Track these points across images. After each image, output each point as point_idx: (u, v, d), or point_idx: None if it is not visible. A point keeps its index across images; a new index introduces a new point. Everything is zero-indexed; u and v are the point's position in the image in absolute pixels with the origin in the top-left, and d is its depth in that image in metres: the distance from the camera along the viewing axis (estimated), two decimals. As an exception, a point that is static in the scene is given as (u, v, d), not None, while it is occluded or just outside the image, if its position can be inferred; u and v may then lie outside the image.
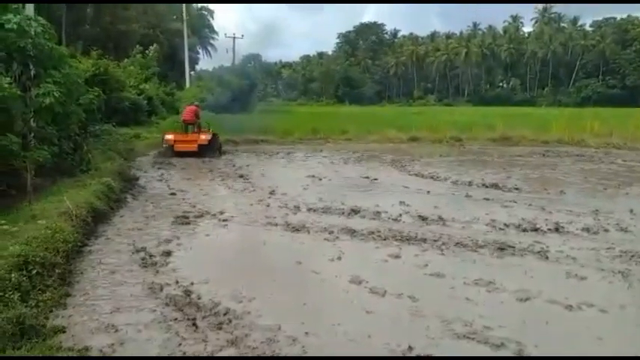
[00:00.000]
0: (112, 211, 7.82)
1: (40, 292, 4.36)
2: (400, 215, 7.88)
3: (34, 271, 4.51)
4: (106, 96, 13.35)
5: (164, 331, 3.99)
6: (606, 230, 7.13)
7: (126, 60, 26.16)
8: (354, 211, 8.03)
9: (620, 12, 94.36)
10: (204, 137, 14.94)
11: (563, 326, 4.25)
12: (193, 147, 14.61)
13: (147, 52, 28.72)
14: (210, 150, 14.90)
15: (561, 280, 5.23)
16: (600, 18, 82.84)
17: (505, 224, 7.32)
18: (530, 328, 4.17)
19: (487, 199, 9.26)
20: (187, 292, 4.71)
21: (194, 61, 53.39)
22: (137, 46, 29.23)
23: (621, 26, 77.43)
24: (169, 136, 15.01)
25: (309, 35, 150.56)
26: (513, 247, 6.20)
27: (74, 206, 6.58)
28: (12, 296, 3.96)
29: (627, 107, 51.44)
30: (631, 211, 8.31)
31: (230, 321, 4.14)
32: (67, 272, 5.06)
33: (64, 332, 3.90)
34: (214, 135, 15.55)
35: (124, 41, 36.44)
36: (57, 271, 4.82)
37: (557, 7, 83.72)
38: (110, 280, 5.07)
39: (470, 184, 10.85)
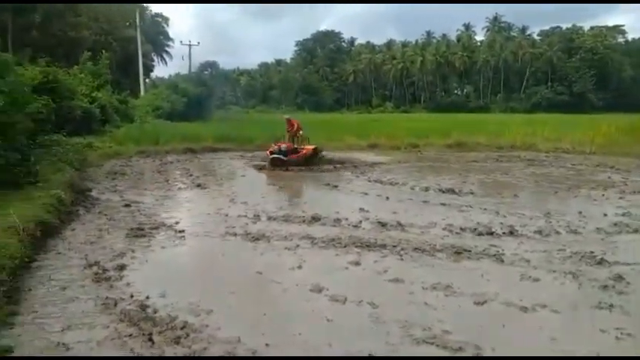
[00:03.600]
0: (62, 225, 7.50)
1: (-16, 311, 4.13)
2: (360, 222, 7.92)
3: (-23, 290, 4.27)
4: (55, 105, 12.89)
5: (118, 347, 3.85)
6: (558, 232, 7.38)
7: (76, 67, 25.30)
8: (315, 219, 8.01)
9: (565, 22, 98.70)
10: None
11: (518, 328, 4.36)
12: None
13: (97, 58, 27.86)
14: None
15: (516, 283, 5.36)
16: (547, 27, 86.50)
17: (461, 228, 7.47)
18: (487, 330, 4.25)
19: (444, 204, 9.43)
20: (143, 307, 4.56)
21: (149, 69, 52.23)
22: (85, 52, 28.29)
23: (566, 35, 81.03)
24: None
25: (267, 43, 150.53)
26: (470, 251, 6.33)
27: (22, 220, 6.28)
28: (-48, 317, 3.73)
29: (574, 113, 53.93)
30: (580, 213, 8.64)
31: (188, 335, 4.03)
32: (14, 290, 4.81)
33: (12, 352, 3.72)
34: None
35: (75, 48, 35.30)
36: (2, 288, 4.59)
37: (508, 17, 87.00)
38: (61, 297, 4.85)
39: (427, 189, 11.04)
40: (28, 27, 35.56)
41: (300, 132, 15.89)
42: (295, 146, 15.46)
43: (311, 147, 15.56)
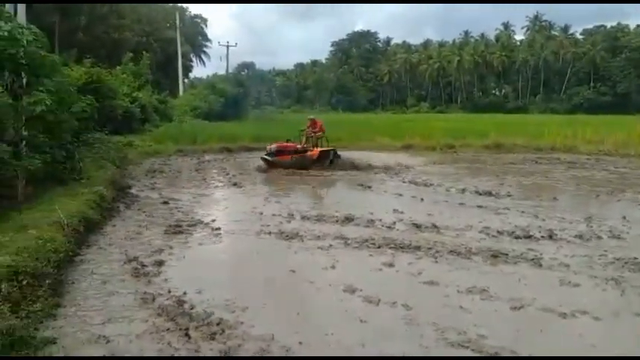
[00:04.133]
0: (104, 220, 7.75)
1: (30, 302, 4.29)
2: (394, 223, 7.87)
3: (25, 282, 4.45)
4: (98, 104, 13.31)
5: (156, 341, 3.94)
6: (599, 237, 7.15)
7: (118, 68, 26.09)
8: (348, 219, 8.01)
9: (609, 20, 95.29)
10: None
11: (557, 334, 4.25)
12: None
13: (139, 59, 28.65)
14: None
15: (555, 288, 5.22)
16: (591, 26, 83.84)
17: (498, 231, 7.33)
18: (524, 336, 4.16)
19: (480, 207, 9.27)
20: (180, 302, 4.67)
21: (188, 69, 53.46)
22: (127, 53, 29.17)
23: (611, 34, 78.30)
24: None
25: (303, 44, 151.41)
26: (507, 255, 6.20)
27: (66, 215, 6.52)
28: (2, 307, 3.90)
29: (618, 114, 51.97)
30: (624, 217, 8.34)
31: (223, 331, 4.10)
32: (58, 282, 5.00)
33: (55, 344, 3.84)
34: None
35: (118, 49, 36.43)
36: (48, 281, 4.76)
37: (548, 15, 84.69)
38: (102, 291, 5.02)
39: (463, 191, 10.88)
40: (73, 29, 36.91)
41: (319, 133, 15.10)
42: (304, 146, 14.76)
43: (318, 150, 14.67)
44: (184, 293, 4.89)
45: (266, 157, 14.37)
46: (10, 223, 6.20)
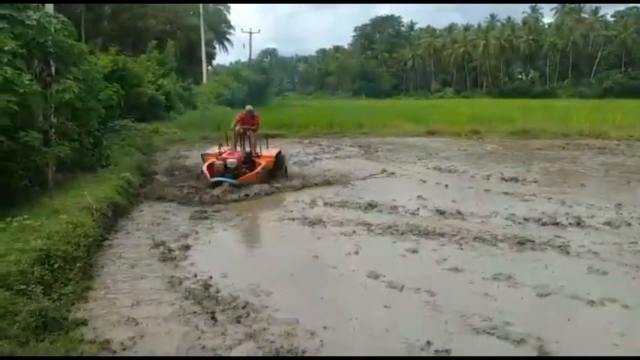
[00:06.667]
0: (131, 206, 7.91)
1: (62, 285, 4.44)
2: (418, 209, 7.82)
3: (56, 265, 4.59)
4: (124, 92, 13.50)
5: (183, 324, 4.03)
6: (629, 224, 6.99)
7: (143, 55, 26.31)
8: (371, 205, 7.99)
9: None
10: None
11: (585, 322, 4.20)
12: None
13: (163, 47, 28.84)
14: None
15: (583, 275, 5.14)
16: (622, 7, 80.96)
17: (525, 218, 7.22)
18: (551, 323, 4.11)
19: (506, 193, 9.13)
20: (206, 286, 4.75)
21: (211, 56, 53.47)
22: (151, 41, 29.41)
23: (644, 16, 75.54)
24: None
25: (325, 29, 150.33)
26: (533, 242, 6.11)
27: (95, 201, 6.67)
28: (35, 289, 4.03)
29: (650, 99, 50.25)
30: (655, 204, 8.12)
31: (248, 314, 4.16)
32: (88, 266, 5.14)
33: (86, 325, 3.96)
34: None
35: (142, 37, 36.72)
36: (78, 264, 4.90)
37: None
38: (130, 274, 5.14)
39: (489, 177, 10.72)
40: (99, 18, 37.32)
41: (249, 131, 11.13)
42: (249, 151, 10.78)
43: (271, 155, 10.81)
44: (210, 277, 4.97)
45: (227, 180, 9.14)
46: (41, 209, 6.36)
